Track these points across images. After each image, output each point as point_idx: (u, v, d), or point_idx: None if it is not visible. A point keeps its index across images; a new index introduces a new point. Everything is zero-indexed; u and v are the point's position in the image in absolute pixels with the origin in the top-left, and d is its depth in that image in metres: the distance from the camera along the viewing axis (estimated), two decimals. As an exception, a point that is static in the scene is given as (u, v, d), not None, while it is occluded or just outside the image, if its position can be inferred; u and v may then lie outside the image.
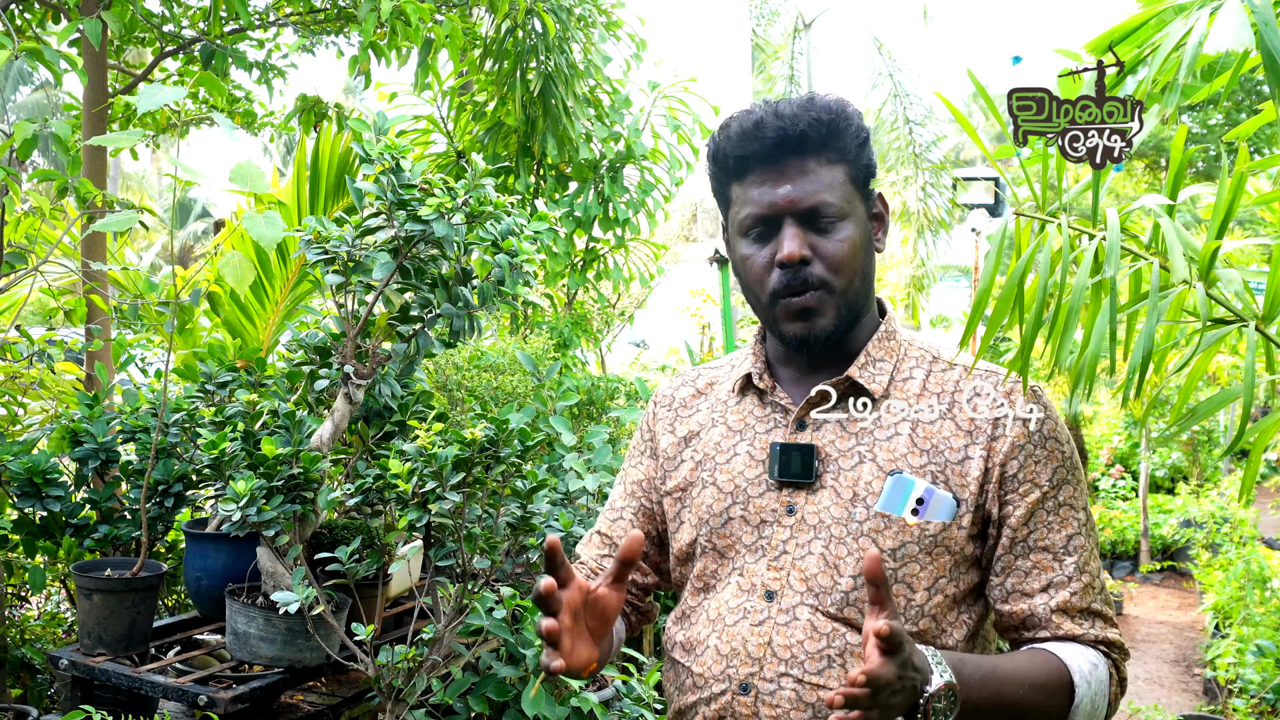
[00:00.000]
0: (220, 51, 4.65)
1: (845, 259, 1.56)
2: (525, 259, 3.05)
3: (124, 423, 3.42)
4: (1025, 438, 1.52)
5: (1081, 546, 1.52)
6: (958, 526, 1.51)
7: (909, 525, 1.51)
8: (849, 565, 1.52)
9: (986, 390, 1.56)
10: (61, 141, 3.47)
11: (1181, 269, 1.46)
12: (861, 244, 1.58)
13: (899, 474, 1.52)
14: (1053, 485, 1.52)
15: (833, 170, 1.56)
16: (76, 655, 3.00)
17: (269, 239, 2.82)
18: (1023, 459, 1.52)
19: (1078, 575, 1.51)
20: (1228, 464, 11.76)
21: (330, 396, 3.17)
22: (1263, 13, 1.20)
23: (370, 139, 2.95)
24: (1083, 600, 1.51)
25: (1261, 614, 5.78)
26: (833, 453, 1.58)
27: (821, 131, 1.55)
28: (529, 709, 2.65)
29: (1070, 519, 1.53)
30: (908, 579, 1.51)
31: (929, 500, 1.51)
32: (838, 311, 1.58)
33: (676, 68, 6.42)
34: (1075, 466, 1.55)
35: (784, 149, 1.55)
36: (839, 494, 1.55)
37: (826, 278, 1.56)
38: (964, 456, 1.52)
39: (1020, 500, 1.51)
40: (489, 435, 2.60)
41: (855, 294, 1.60)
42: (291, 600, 2.66)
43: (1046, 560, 1.51)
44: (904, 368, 1.62)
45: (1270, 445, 8.87)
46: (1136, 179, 13.12)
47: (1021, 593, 1.52)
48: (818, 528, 1.55)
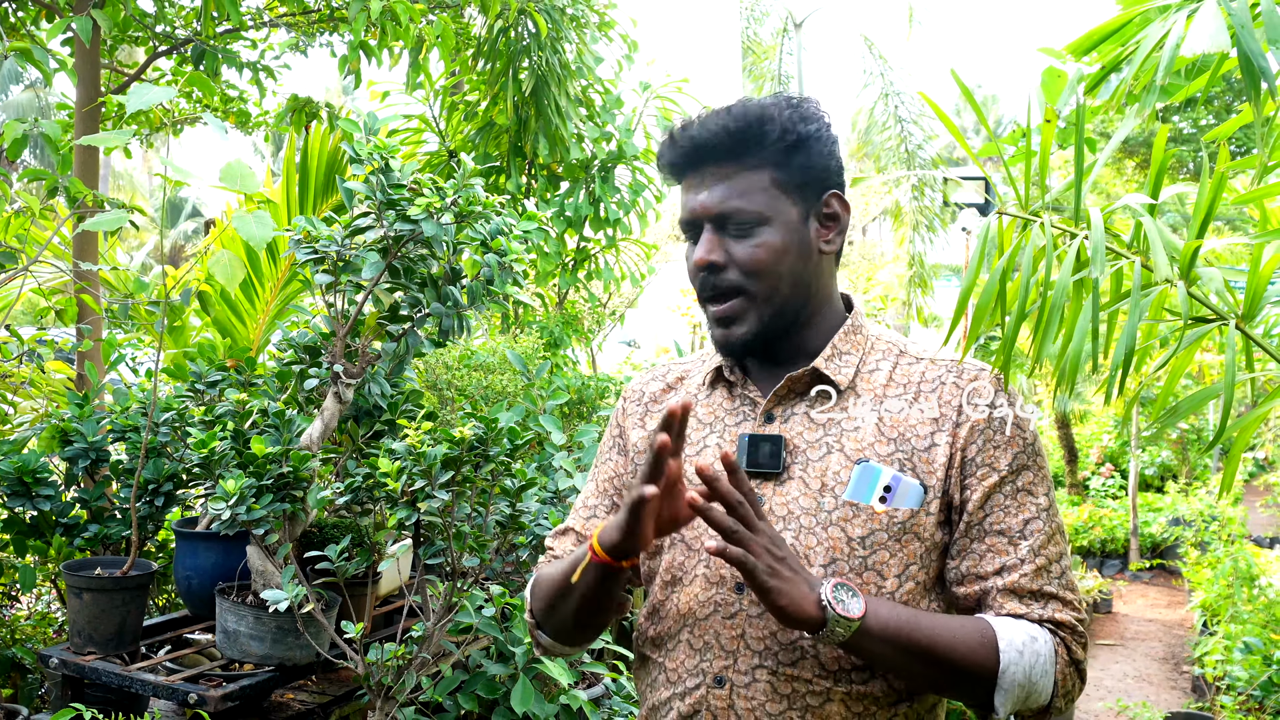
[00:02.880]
0: (212, 51, 4.65)
1: (760, 264, 1.56)
2: (514, 258, 3.05)
3: (114, 422, 3.42)
4: (985, 423, 1.53)
5: (1038, 530, 1.52)
6: (925, 513, 1.52)
7: (877, 513, 1.51)
8: (819, 555, 1.52)
9: (950, 380, 1.57)
10: (52, 141, 3.46)
11: (1163, 268, 1.47)
12: (785, 248, 1.57)
13: (866, 462, 1.53)
14: (1011, 470, 1.52)
15: (752, 175, 1.56)
16: (67, 654, 3.00)
17: (259, 238, 2.83)
18: (981, 443, 1.53)
19: (1030, 558, 1.51)
20: (1216, 463, 11.79)
21: (320, 395, 3.17)
22: (1239, 15, 1.21)
23: (360, 139, 2.95)
24: (1033, 582, 1.51)
25: (1249, 611, 5.81)
26: (800, 444, 1.58)
27: (732, 139, 1.56)
28: (518, 706, 2.66)
29: (1028, 504, 1.52)
30: (878, 566, 1.52)
31: (896, 487, 1.52)
32: (759, 318, 1.58)
33: (669, 68, 6.46)
34: (1038, 454, 1.55)
35: (701, 156, 1.58)
36: (807, 484, 1.56)
37: (741, 283, 1.57)
38: (930, 444, 1.54)
39: (978, 484, 1.52)
40: (478, 434, 2.60)
41: (782, 298, 1.58)
42: (281, 598, 2.67)
43: (1001, 544, 1.52)
44: (870, 360, 1.63)
45: (1258, 444, 8.85)
46: (1127, 178, 13.16)
47: (976, 575, 1.53)
48: (786, 519, 1.56)
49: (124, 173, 31.39)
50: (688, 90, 6.44)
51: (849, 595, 1.42)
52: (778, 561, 1.41)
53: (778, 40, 14.71)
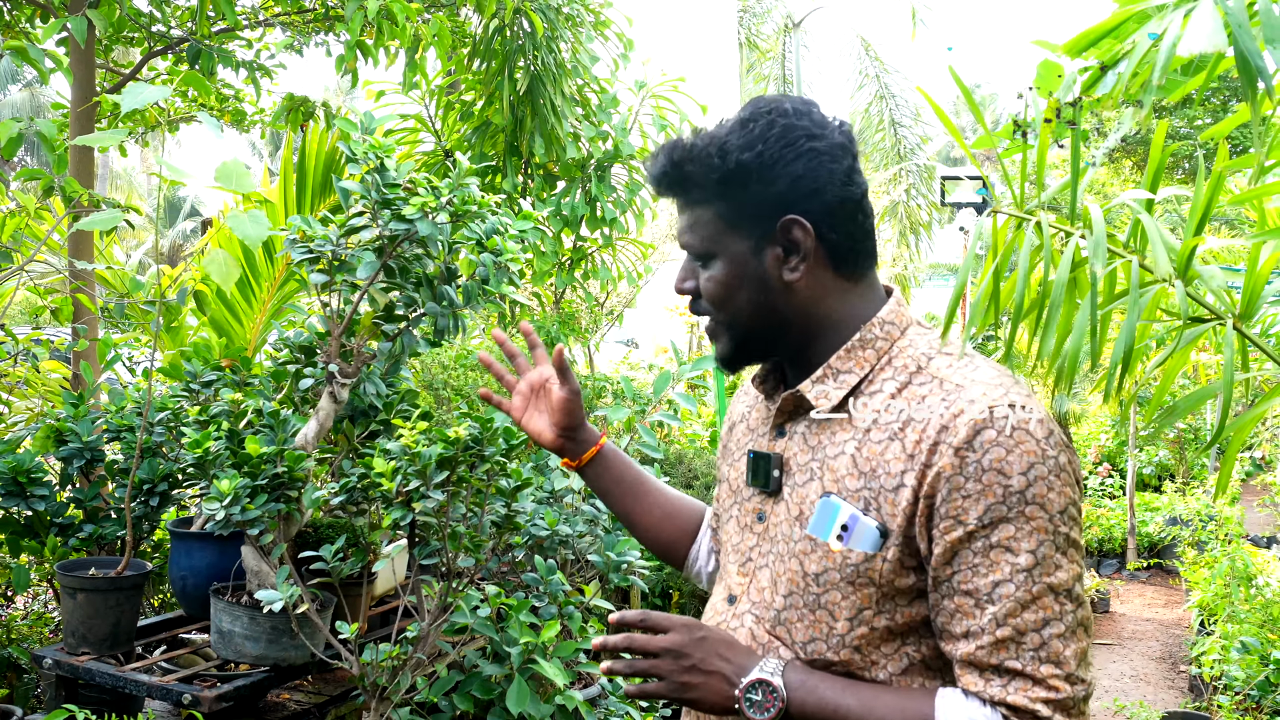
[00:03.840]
0: (207, 51, 4.65)
1: (714, 297, 1.56)
2: (510, 258, 3.05)
3: (109, 422, 3.41)
4: (954, 469, 1.37)
5: (1008, 595, 1.35)
6: (882, 559, 1.42)
7: (832, 551, 1.45)
8: (783, 585, 1.50)
9: (939, 411, 1.41)
10: (47, 140, 3.46)
11: (1163, 265, 1.47)
12: (735, 282, 1.54)
13: (828, 497, 1.46)
14: (982, 524, 1.35)
15: (698, 211, 1.55)
16: (61, 654, 2.99)
17: (254, 238, 2.82)
18: (947, 492, 1.37)
19: (993, 627, 1.35)
20: (1213, 462, 11.79)
21: (315, 395, 3.17)
22: (1236, 14, 1.21)
23: (356, 138, 2.94)
24: (992, 655, 1.36)
25: (1246, 611, 5.80)
26: (794, 465, 1.55)
27: (671, 178, 1.56)
28: (513, 707, 2.65)
29: (1001, 563, 1.35)
30: (829, 606, 1.46)
31: (853, 528, 1.43)
32: (732, 340, 1.58)
33: (665, 67, 6.42)
34: (1028, 503, 1.35)
35: (661, 189, 1.61)
36: (790, 509, 1.53)
37: (707, 309, 1.59)
38: (899, 484, 1.41)
39: (941, 538, 1.38)
40: (473, 434, 2.60)
41: (746, 327, 1.57)
42: (276, 599, 2.66)
43: (968, 605, 1.37)
44: (878, 379, 1.51)
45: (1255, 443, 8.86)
46: (1124, 177, 13.17)
47: (949, 634, 1.41)
48: (774, 540, 1.55)
49: (121, 172, 31.39)
50: (684, 89, 6.43)
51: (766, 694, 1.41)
52: (685, 672, 1.45)
53: (777, 41, 14.71)
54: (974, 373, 1.45)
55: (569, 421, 1.85)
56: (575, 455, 1.87)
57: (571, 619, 2.93)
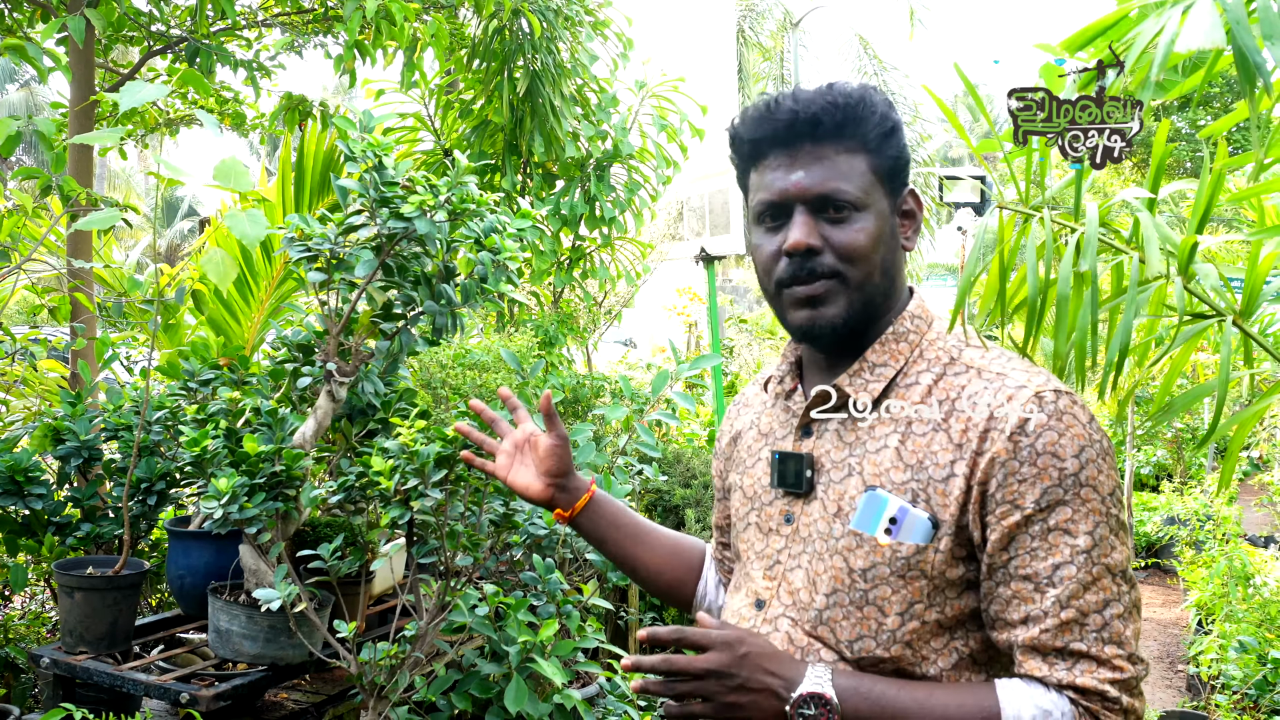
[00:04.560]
0: (206, 50, 4.64)
1: (860, 250, 1.47)
2: (509, 256, 3.04)
3: (107, 421, 3.41)
4: (1009, 453, 1.36)
5: (1070, 577, 1.34)
6: (934, 550, 1.40)
7: (880, 545, 1.42)
8: (824, 583, 1.47)
9: (986, 399, 1.41)
10: (46, 139, 3.45)
11: (1155, 263, 1.46)
12: (880, 237, 1.49)
13: (874, 490, 1.44)
14: (1040, 508, 1.35)
15: (851, 159, 1.48)
16: (58, 654, 2.98)
17: (252, 236, 2.81)
18: (1003, 477, 1.37)
19: (1056, 610, 1.34)
20: (1211, 462, 11.79)
21: (313, 394, 3.16)
22: (1234, 11, 1.20)
23: (355, 136, 2.94)
24: (1057, 639, 1.35)
25: (1244, 611, 5.80)
26: (826, 463, 1.52)
27: (837, 117, 1.47)
28: (511, 706, 2.64)
29: (1061, 545, 1.35)
30: (879, 601, 1.43)
31: (902, 520, 1.41)
32: (850, 303, 1.49)
33: (664, 67, 6.42)
34: (1082, 485, 1.35)
35: (797, 132, 1.49)
36: (826, 507, 1.49)
37: (839, 268, 1.48)
38: (949, 474, 1.40)
39: (997, 524, 1.37)
40: (472, 432, 2.59)
41: (873, 289, 1.50)
42: (274, 598, 2.65)
43: (1027, 590, 1.36)
44: (912, 371, 1.50)
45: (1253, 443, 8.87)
46: (1124, 177, 13.16)
47: (1005, 622, 1.39)
48: (808, 540, 1.51)
49: (120, 172, 31.38)
50: (684, 89, 6.43)
51: (819, 708, 1.36)
52: (731, 692, 1.39)
53: (776, 40, 14.71)
54: (1008, 362, 1.46)
55: (559, 468, 1.81)
56: (567, 505, 1.83)
57: (570, 618, 2.93)
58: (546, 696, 2.84)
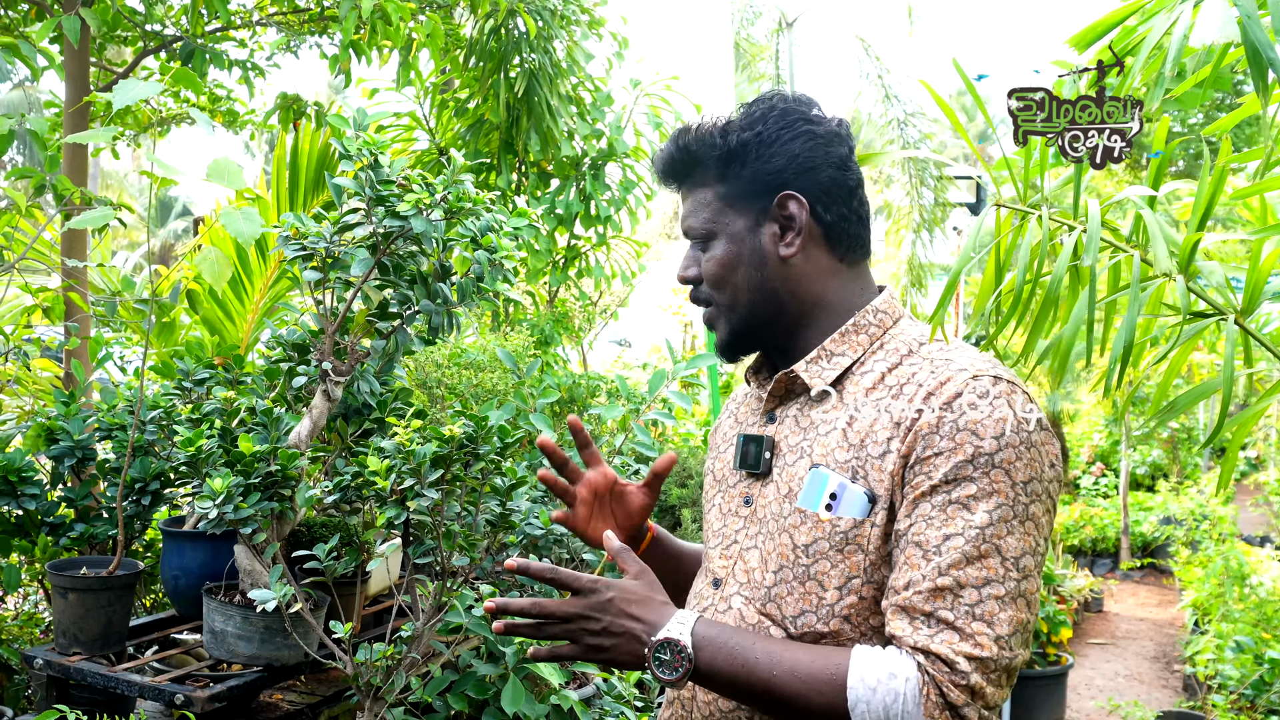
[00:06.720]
0: (200, 50, 4.63)
1: (714, 276, 1.61)
2: (505, 255, 3.03)
3: (101, 420, 3.39)
4: (932, 426, 1.40)
5: (956, 549, 1.34)
6: (871, 524, 1.43)
7: (821, 520, 1.46)
8: (773, 561, 1.52)
9: (929, 381, 1.45)
10: (40, 138, 3.44)
11: (1163, 261, 1.46)
12: (733, 260, 1.60)
13: (817, 468, 1.49)
14: (946, 480, 1.37)
15: (700, 193, 1.62)
16: (52, 655, 2.97)
17: (247, 235, 2.81)
18: (922, 449, 1.40)
19: (934, 575, 1.34)
20: (1207, 462, 11.82)
21: (309, 393, 3.15)
22: (1245, 5, 1.19)
23: (350, 135, 2.93)
24: (928, 603, 1.34)
25: (1240, 610, 5.81)
26: (784, 446, 1.58)
27: (676, 162, 1.64)
28: (508, 706, 2.64)
29: (957, 518, 1.36)
30: (819, 576, 1.47)
31: (841, 495, 1.46)
32: (729, 324, 1.63)
33: (659, 66, 6.44)
34: (994, 467, 1.37)
35: (666, 178, 1.68)
36: (779, 488, 1.55)
37: (711, 295, 1.63)
38: (885, 450, 1.44)
39: (911, 492, 1.40)
40: (468, 432, 2.58)
41: (746, 307, 1.61)
42: (269, 598, 2.64)
43: (915, 557, 1.37)
44: (869, 361, 1.55)
45: (1249, 443, 8.89)
46: (1118, 179, 13.17)
47: (891, 588, 1.40)
48: (763, 520, 1.57)
49: (113, 172, 31.31)
50: (678, 88, 6.43)
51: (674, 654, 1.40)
52: (596, 635, 1.44)
53: (771, 40, 14.71)
54: (964, 353, 1.50)
55: (640, 522, 1.85)
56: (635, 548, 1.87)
57: (566, 618, 2.91)
58: (543, 697, 2.83)
